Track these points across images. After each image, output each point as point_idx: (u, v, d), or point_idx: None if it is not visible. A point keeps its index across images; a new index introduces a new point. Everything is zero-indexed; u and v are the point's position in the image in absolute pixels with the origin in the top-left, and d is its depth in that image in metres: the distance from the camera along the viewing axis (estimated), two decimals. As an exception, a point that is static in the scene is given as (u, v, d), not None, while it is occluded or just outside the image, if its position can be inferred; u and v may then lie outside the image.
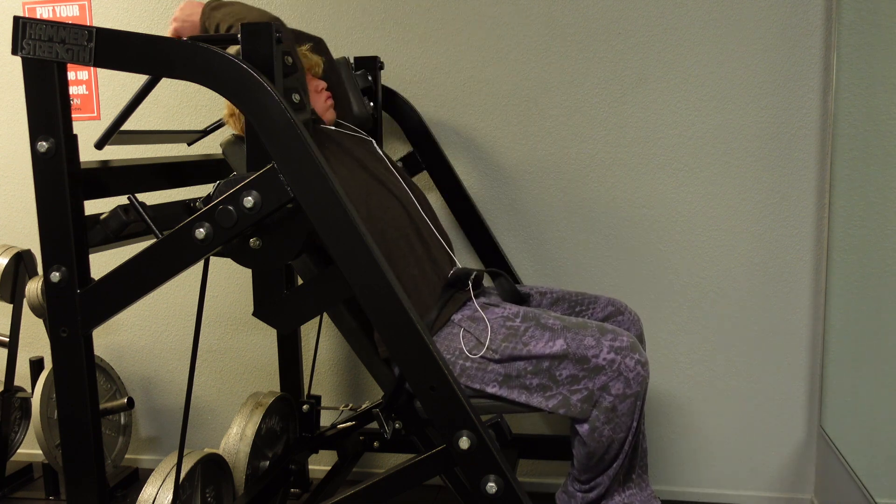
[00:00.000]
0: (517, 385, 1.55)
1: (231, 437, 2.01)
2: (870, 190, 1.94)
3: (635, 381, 1.51)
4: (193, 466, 1.76)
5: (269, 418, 2.11)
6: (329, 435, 2.21)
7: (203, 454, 1.81)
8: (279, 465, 2.11)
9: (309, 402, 2.21)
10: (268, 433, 2.11)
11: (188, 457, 1.77)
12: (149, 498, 1.66)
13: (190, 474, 1.74)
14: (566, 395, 1.53)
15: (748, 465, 2.28)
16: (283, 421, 2.19)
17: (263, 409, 2.07)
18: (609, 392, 1.51)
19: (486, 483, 1.35)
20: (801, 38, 2.10)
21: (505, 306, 1.64)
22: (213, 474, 1.88)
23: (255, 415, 2.06)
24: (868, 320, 1.95)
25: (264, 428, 2.07)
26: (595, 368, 1.52)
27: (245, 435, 2.00)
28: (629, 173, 2.24)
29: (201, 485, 1.81)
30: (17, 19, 1.35)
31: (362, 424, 2.13)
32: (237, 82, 1.31)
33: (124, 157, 2.48)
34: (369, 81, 2.07)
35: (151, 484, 1.68)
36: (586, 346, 1.53)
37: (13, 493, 2.48)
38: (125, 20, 2.48)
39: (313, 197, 1.32)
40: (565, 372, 1.53)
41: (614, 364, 1.51)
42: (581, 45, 2.22)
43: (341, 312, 1.70)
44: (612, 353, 1.52)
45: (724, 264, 2.22)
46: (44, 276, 1.40)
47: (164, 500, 1.65)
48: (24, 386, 2.48)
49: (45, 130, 1.37)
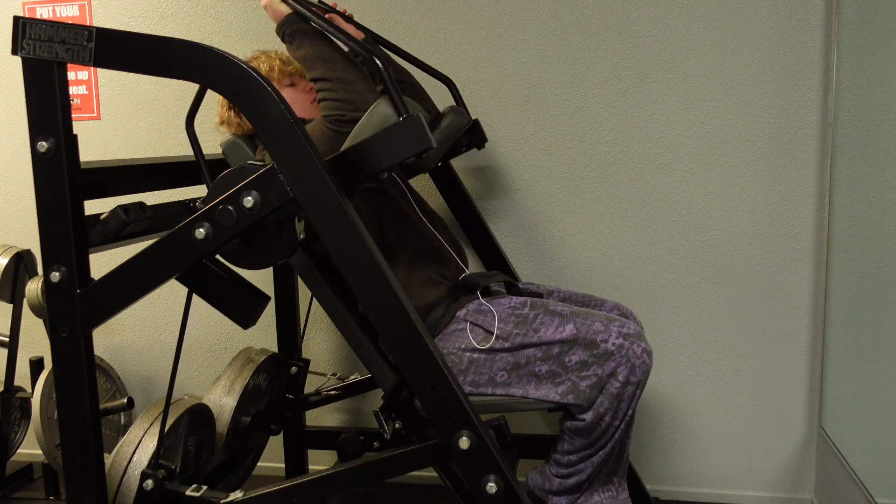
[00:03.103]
0: (526, 373, 1.56)
1: (218, 389, 1.99)
2: (870, 190, 1.94)
3: (640, 369, 1.53)
4: (181, 416, 1.73)
5: (258, 375, 2.10)
6: (312, 400, 2.24)
7: (191, 403, 1.78)
8: (261, 423, 2.11)
9: (298, 364, 2.22)
10: (254, 390, 2.09)
11: (176, 405, 1.74)
12: (133, 440, 1.63)
13: (176, 423, 1.72)
14: (575, 382, 1.54)
15: (748, 465, 2.28)
16: (270, 380, 2.18)
17: (254, 365, 2.06)
18: (616, 378, 1.53)
19: (486, 483, 1.35)
20: (801, 38, 2.10)
21: (511, 298, 1.66)
22: (197, 424, 1.85)
23: (246, 370, 2.05)
24: (868, 320, 1.96)
25: (251, 384, 2.06)
26: (604, 354, 1.53)
27: (233, 389, 1.99)
28: (629, 173, 2.24)
29: (185, 434, 1.78)
30: (17, 19, 1.35)
31: (347, 395, 2.20)
32: (237, 82, 1.31)
33: (124, 157, 2.49)
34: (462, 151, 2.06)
35: (138, 426, 1.65)
36: (595, 330, 1.54)
37: (13, 493, 2.48)
38: (125, 20, 2.48)
39: (313, 197, 1.31)
40: (575, 357, 1.54)
41: (623, 349, 1.52)
42: (581, 45, 2.22)
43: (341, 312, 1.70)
44: (620, 338, 1.53)
45: (724, 264, 2.22)
46: (44, 276, 1.40)
47: (148, 444, 1.62)
48: (24, 386, 2.48)
49: (45, 130, 1.37)
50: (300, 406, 2.25)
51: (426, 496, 2.36)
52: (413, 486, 2.43)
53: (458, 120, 1.89)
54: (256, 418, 2.12)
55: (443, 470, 1.71)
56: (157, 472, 1.55)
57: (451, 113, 1.88)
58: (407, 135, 1.34)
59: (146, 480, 1.54)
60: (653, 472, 2.34)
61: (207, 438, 1.90)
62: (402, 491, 2.40)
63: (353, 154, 1.36)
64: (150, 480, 1.54)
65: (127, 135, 2.54)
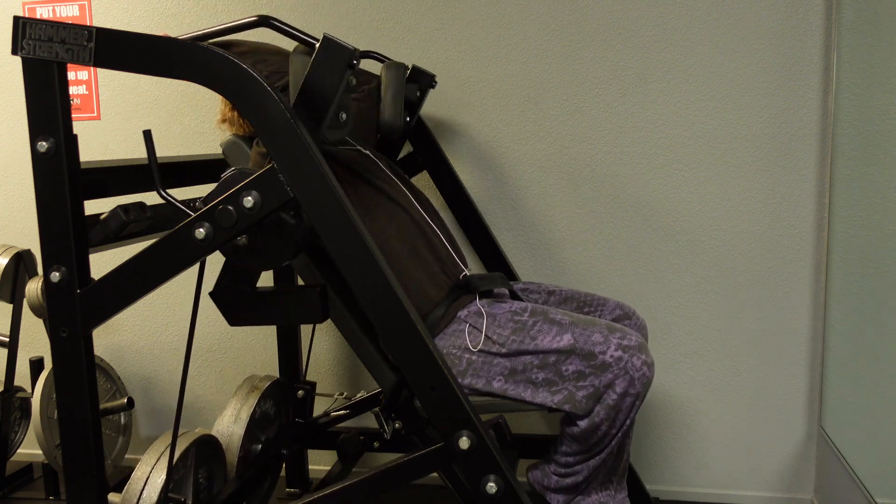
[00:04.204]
0: (523, 379, 1.56)
1: (225, 419, 1.99)
2: (870, 190, 1.94)
3: (640, 382, 1.51)
4: (188, 448, 1.73)
5: (264, 402, 2.10)
6: (322, 422, 2.22)
7: (198, 435, 1.78)
8: (271, 449, 2.11)
9: (304, 387, 2.22)
10: (262, 417, 2.09)
11: (183, 437, 1.74)
12: (142, 477, 1.62)
13: (184, 455, 1.71)
14: (572, 391, 1.53)
15: (748, 465, 2.28)
16: (277, 405, 2.18)
17: (259, 392, 2.06)
18: (614, 390, 1.51)
19: (486, 483, 1.35)
20: (801, 38, 2.10)
21: (512, 302, 1.65)
22: (206, 456, 1.85)
23: (251, 398, 2.04)
24: (868, 320, 1.96)
25: (258, 412, 2.06)
26: (602, 365, 1.51)
27: (240, 418, 1.99)
28: (629, 173, 2.24)
29: (194, 466, 1.78)
30: (17, 19, 1.35)
31: (356, 414, 2.16)
32: (237, 82, 1.31)
33: (124, 157, 2.48)
34: (417, 96, 2.03)
35: (145, 463, 1.64)
36: (594, 342, 1.53)
37: (13, 493, 2.48)
38: (125, 20, 2.48)
39: (313, 197, 1.32)
40: (571, 367, 1.53)
41: (621, 362, 1.51)
42: (581, 45, 2.22)
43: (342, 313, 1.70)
44: (619, 350, 1.51)
45: (723, 264, 2.22)
46: (44, 276, 1.40)
47: (156, 479, 1.61)
48: (24, 386, 2.48)
49: (45, 130, 1.37)
50: (310, 430, 2.24)
51: (426, 496, 2.36)
52: (413, 486, 2.41)
53: (396, 71, 1.90)
54: (267, 445, 2.11)
55: (443, 470, 1.71)
56: None
57: (386, 69, 1.90)
58: (329, 55, 1.32)
59: None
60: (653, 472, 2.34)
61: (218, 469, 1.90)
62: (402, 491, 2.39)
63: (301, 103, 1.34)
64: None
65: (127, 135, 2.54)
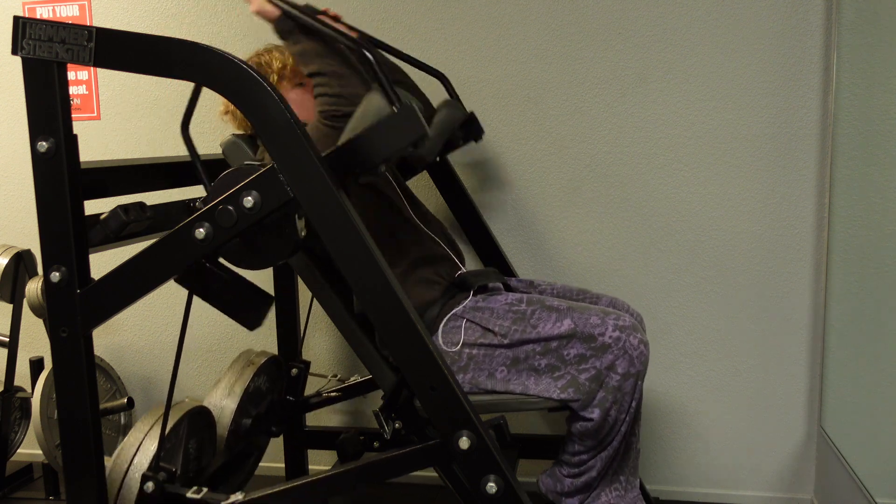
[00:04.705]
0: (525, 367, 1.58)
1: (219, 392, 1.98)
2: (870, 190, 1.94)
3: (638, 360, 1.54)
4: (181, 418, 1.72)
5: (259, 377, 2.10)
6: (313, 402, 2.24)
7: (191, 406, 1.78)
8: (262, 425, 2.11)
9: (298, 366, 2.22)
10: (255, 392, 2.09)
11: (176, 407, 1.73)
12: (134, 443, 1.62)
13: (177, 426, 1.71)
14: (574, 375, 1.55)
15: (748, 464, 2.28)
16: (270, 382, 2.18)
17: (255, 367, 2.06)
18: (615, 371, 1.54)
19: (486, 483, 1.35)
20: (801, 38, 2.10)
21: (507, 294, 1.67)
22: (198, 427, 1.84)
23: (246, 373, 2.04)
24: (868, 320, 1.96)
25: (252, 386, 2.06)
26: (602, 347, 1.54)
27: (234, 391, 1.99)
28: (629, 173, 2.24)
29: (186, 437, 1.78)
30: (17, 19, 1.35)
31: (347, 397, 2.21)
32: (237, 82, 1.31)
33: (124, 157, 2.48)
34: (460, 143, 2.03)
35: (138, 430, 1.63)
36: (592, 324, 1.55)
37: (13, 493, 2.48)
38: (125, 20, 2.48)
39: (313, 197, 1.32)
40: (573, 351, 1.55)
41: (620, 342, 1.54)
42: (581, 45, 2.22)
43: (341, 312, 1.70)
44: (616, 331, 1.54)
45: (723, 264, 2.22)
46: (44, 276, 1.40)
47: (149, 447, 1.61)
48: (24, 386, 2.48)
49: (45, 130, 1.37)
50: (301, 408, 2.25)
51: (426, 496, 2.36)
52: (413, 486, 2.43)
53: (453, 112, 1.88)
54: (257, 420, 2.12)
55: (443, 470, 1.72)
56: (158, 475, 1.55)
57: (446, 106, 1.88)
58: (401, 124, 1.33)
59: (147, 483, 1.54)
60: (653, 472, 2.34)
61: (208, 441, 1.90)
62: (402, 491, 2.40)
63: (349, 148, 1.35)
64: (150, 483, 1.54)
65: (127, 135, 2.54)
